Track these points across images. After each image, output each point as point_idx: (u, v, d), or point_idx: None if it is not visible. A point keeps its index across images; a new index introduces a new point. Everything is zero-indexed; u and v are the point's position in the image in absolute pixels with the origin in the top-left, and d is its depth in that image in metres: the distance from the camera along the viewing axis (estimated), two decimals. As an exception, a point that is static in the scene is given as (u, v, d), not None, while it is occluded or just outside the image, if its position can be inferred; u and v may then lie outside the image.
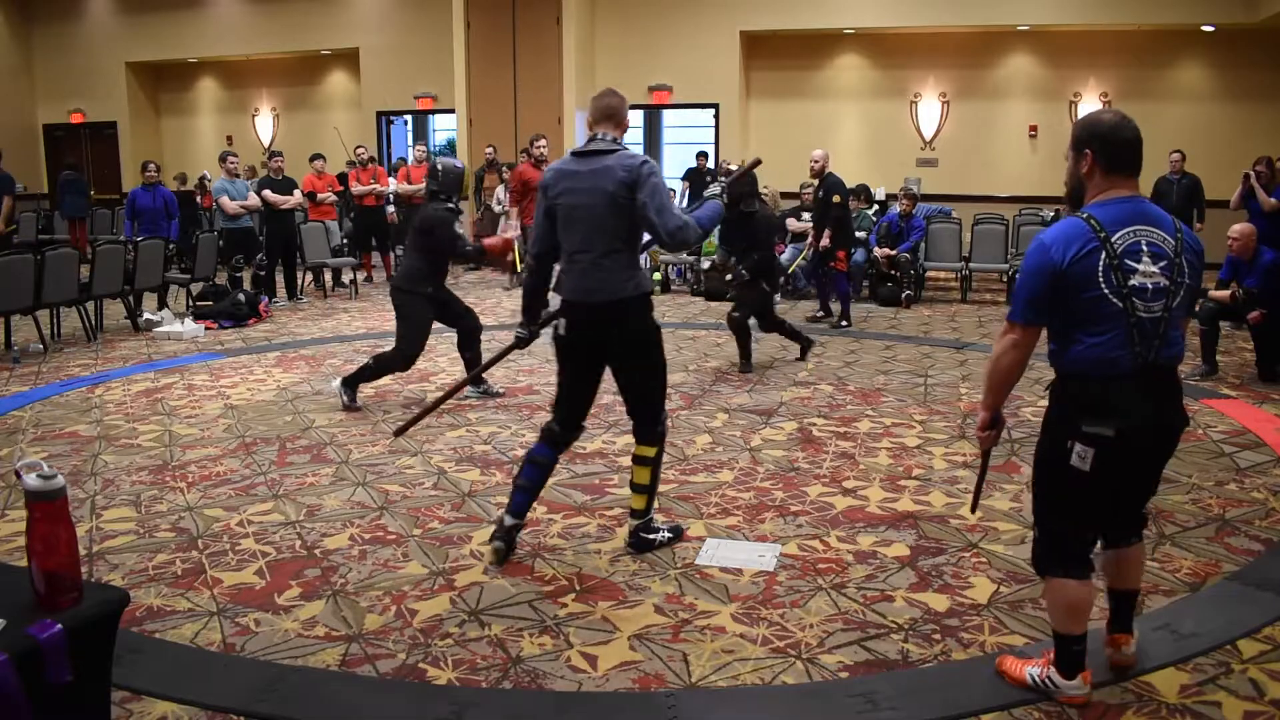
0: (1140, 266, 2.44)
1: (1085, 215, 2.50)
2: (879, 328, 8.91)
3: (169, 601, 3.35)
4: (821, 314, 9.38)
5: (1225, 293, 6.64)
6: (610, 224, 3.49)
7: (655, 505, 3.88)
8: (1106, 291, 2.43)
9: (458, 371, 7.03)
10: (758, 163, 4.79)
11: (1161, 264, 2.46)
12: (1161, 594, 3.37)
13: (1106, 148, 2.52)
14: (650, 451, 3.72)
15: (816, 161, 8.98)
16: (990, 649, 3.01)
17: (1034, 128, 13.48)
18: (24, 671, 1.84)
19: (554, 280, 3.90)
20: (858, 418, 5.73)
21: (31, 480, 2.02)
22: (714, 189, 3.93)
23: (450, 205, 5.86)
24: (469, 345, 6.13)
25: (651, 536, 3.79)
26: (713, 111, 14.30)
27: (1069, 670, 2.67)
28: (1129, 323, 2.44)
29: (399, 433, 4.82)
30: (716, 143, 14.20)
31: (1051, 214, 11.56)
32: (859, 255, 10.58)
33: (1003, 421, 2.80)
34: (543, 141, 9.78)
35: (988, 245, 10.88)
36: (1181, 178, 10.57)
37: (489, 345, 7.94)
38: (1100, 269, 2.43)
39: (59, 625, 1.93)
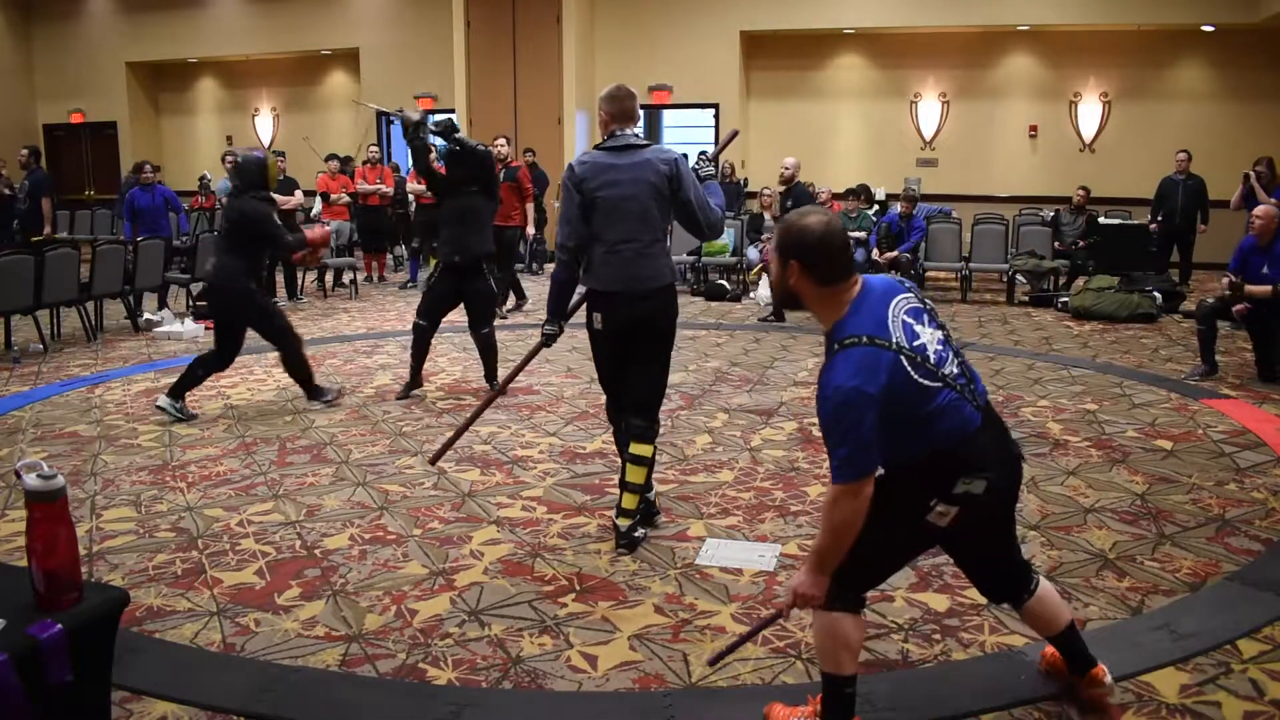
0: (921, 335, 2.30)
1: (858, 338, 2.23)
2: (879, 328, 8.90)
3: (169, 601, 3.35)
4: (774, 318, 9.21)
5: (1265, 288, 6.37)
6: (653, 214, 3.67)
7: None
8: (922, 380, 2.26)
9: (458, 371, 7.04)
10: (735, 134, 4.61)
11: (924, 319, 2.34)
12: (1161, 594, 3.37)
13: (816, 258, 2.29)
14: (647, 450, 3.77)
15: (787, 169, 8.90)
16: (990, 649, 3.01)
17: (1034, 128, 13.50)
18: (24, 671, 1.84)
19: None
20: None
21: (31, 480, 2.02)
22: (709, 168, 3.92)
23: (265, 196, 5.71)
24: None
25: (639, 534, 3.82)
26: (713, 111, 14.30)
27: (841, 716, 2.43)
28: (954, 389, 2.30)
29: (435, 460, 4.58)
30: (716, 143, 14.20)
31: (1051, 214, 11.57)
32: (859, 255, 10.60)
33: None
34: (501, 140, 9.70)
35: (988, 245, 10.87)
36: (1187, 179, 10.54)
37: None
38: (908, 369, 2.24)
39: (59, 625, 1.93)
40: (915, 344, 2.28)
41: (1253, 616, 3.17)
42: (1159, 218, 10.68)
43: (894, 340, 2.25)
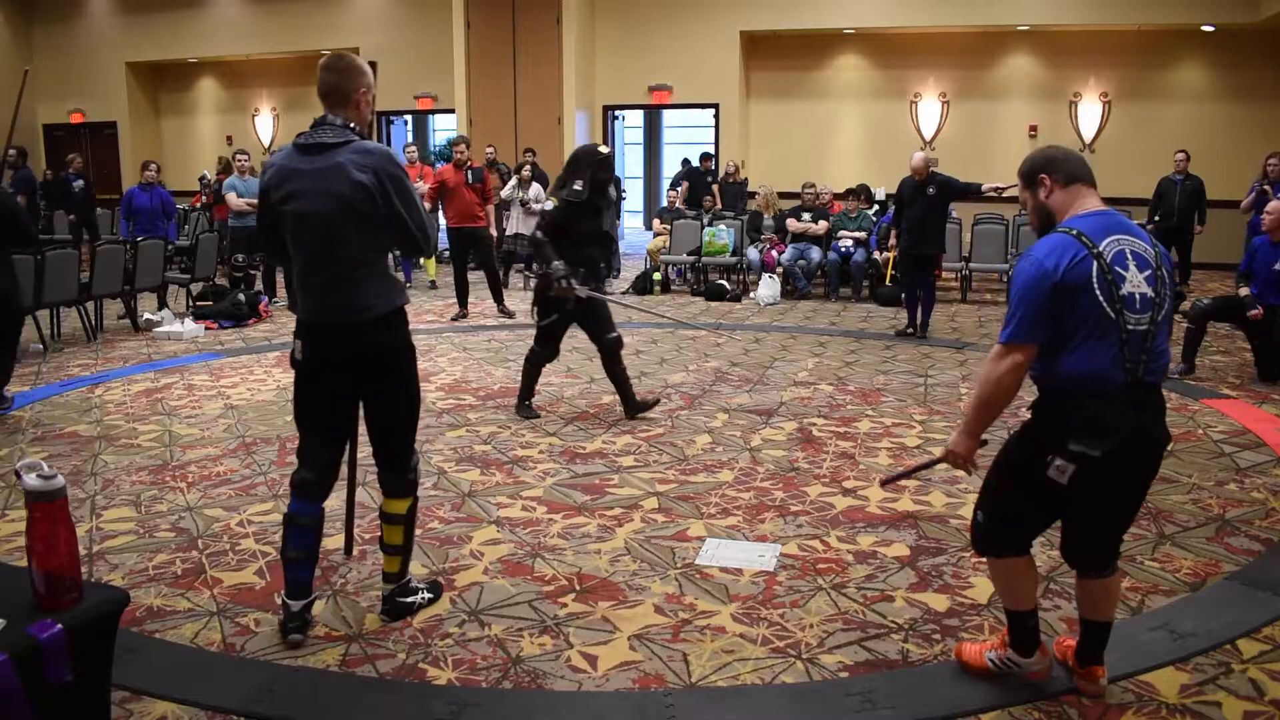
0: (1128, 275, 2.39)
1: (1069, 229, 2.45)
2: (879, 328, 8.91)
3: (169, 601, 3.35)
4: (910, 329, 8.46)
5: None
6: (351, 233, 2.88)
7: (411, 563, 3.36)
8: (1102, 300, 2.37)
9: (458, 371, 7.03)
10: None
11: (1146, 274, 2.41)
12: (1161, 594, 3.37)
13: (1057, 165, 2.54)
14: (402, 506, 3.17)
15: (917, 166, 8.26)
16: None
17: (1034, 128, 13.49)
18: (24, 671, 1.84)
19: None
20: (858, 418, 5.73)
21: (31, 480, 2.02)
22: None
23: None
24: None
25: (410, 600, 3.26)
26: (713, 111, 14.31)
27: (1025, 648, 2.70)
28: (1120, 338, 2.38)
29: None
30: (716, 143, 14.21)
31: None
32: (859, 255, 10.61)
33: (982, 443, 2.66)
34: (461, 145, 9.44)
35: (988, 245, 10.88)
36: (1185, 179, 10.54)
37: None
38: (1095, 277, 2.37)
39: (59, 625, 1.93)
40: (1116, 269, 2.38)
41: (1253, 616, 3.17)
42: (1156, 217, 10.69)
43: (1099, 248, 2.39)
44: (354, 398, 3.10)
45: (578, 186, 5.40)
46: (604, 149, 5.61)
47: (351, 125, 2.92)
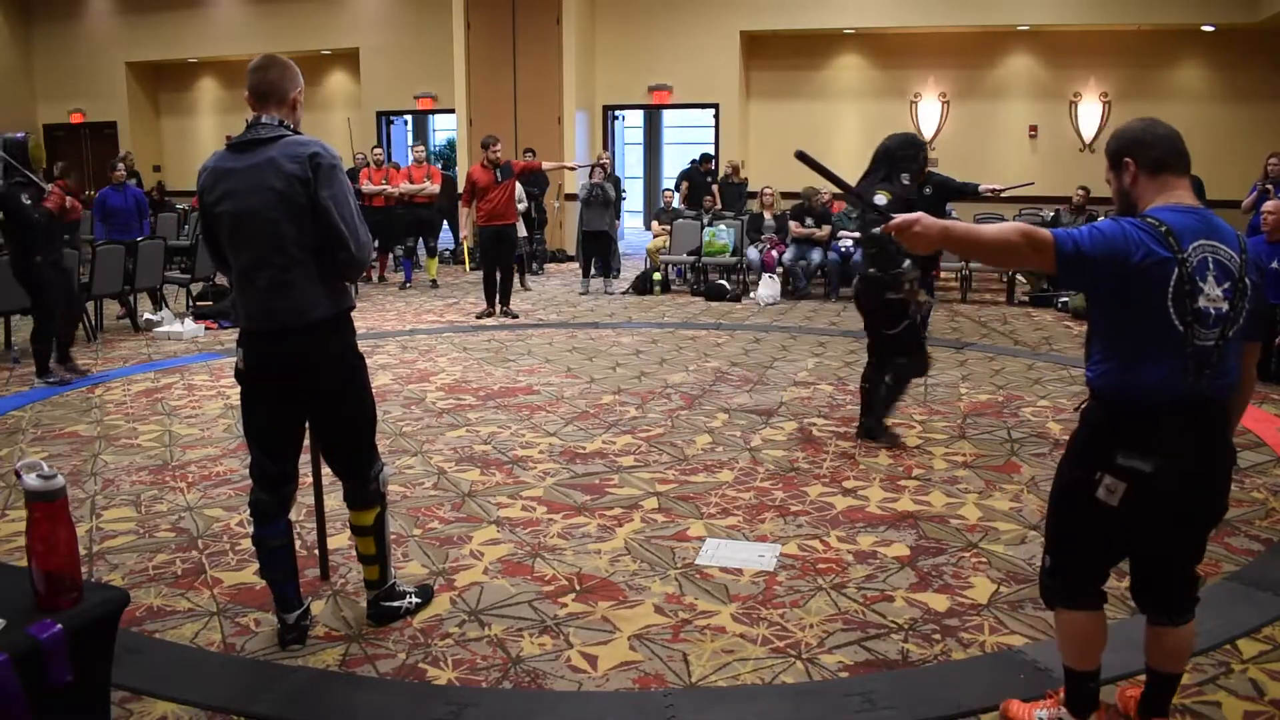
0: (1205, 288, 2.16)
1: (1158, 221, 2.17)
2: (879, 328, 8.90)
3: (169, 601, 3.35)
4: None
5: None
6: (288, 230, 2.79)
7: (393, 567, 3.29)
8: (1172, 313, 2.15)
9: (458, 371, 7.03)
10: None
11: (1225, 285, 2.18)
12: (1161, 594, 3.37)
13: (1143, 148, 2.27)
14: (368, 518, 3.10)
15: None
16: (990, 649, 3.01)
17: (1034, 128, 13.50)
18: (24, 671, 1.84)
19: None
20: (858, 418, 5.72)
21: (31, 480, 2.02)
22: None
23: (24, 179, 6.31)
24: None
25: (395, 604, 3.23)
26: (713, 111, 14.31)
27: (1081, 710, 2.46)
28: (1186, 351, 2.17)
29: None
30: (716, 143, 14.21)
31: (1051, 214, 11.56)
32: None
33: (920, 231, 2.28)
34: (497, 147, 9.32)
35: (988, 245, 10.86)
36: None
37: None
38: (1171, 286, 2.15)
39: (59, 625, 1.93)
40: (1196, 279, 2.16)
41: (1253, 616, 3.18)
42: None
43: (1185, 253, 2.15)
44: (302, 407, 2.96)
45: (906, 180, 5.05)
46: (919, 136, 5.13)
47: (285, 123, 2.88)
